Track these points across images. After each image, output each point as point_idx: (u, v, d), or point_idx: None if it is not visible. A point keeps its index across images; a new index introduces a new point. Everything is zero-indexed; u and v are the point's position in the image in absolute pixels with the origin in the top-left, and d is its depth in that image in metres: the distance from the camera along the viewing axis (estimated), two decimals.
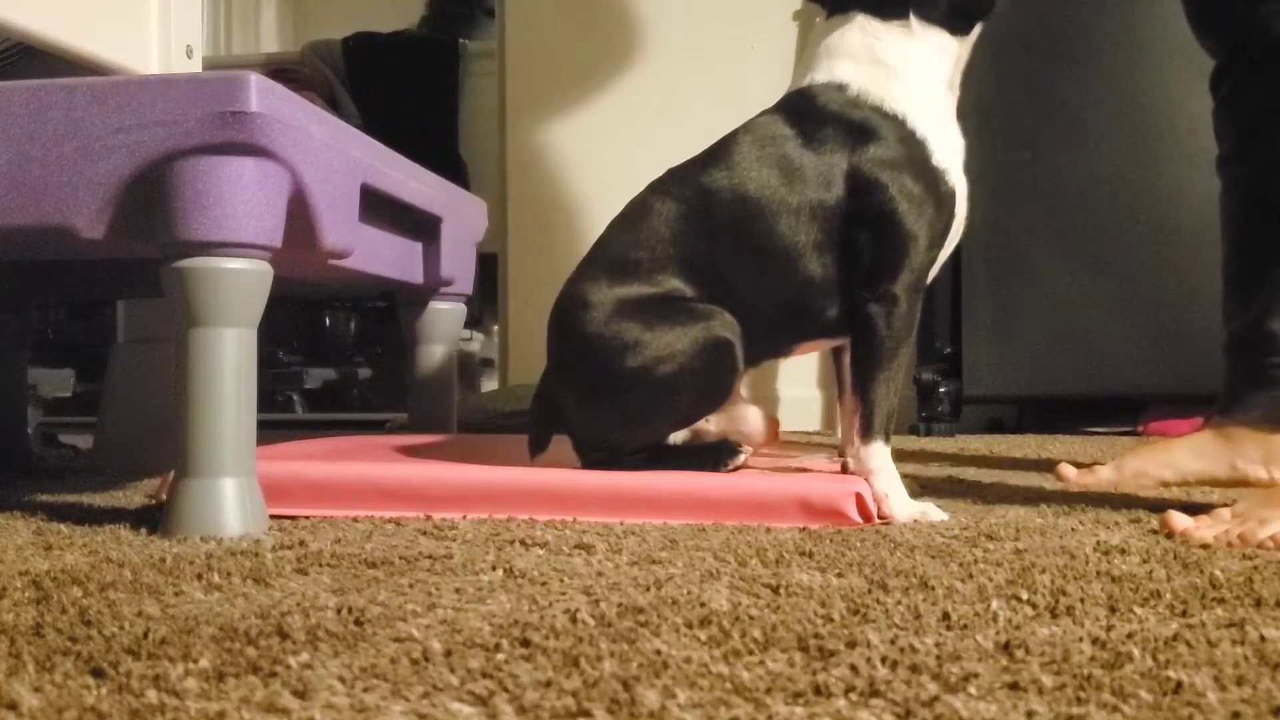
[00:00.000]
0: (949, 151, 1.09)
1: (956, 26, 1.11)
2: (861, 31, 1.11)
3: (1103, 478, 1.35)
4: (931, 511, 1.04)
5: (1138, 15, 2.27)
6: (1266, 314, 1.29)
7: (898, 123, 1.08)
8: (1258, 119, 1.29)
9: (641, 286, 1.10)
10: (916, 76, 1.09)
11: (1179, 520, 0.94)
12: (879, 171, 1.06)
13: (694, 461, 1.10)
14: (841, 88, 1.10)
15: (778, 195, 1.08)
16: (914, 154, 1.07)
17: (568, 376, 1.14)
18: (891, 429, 1.08)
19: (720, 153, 1.13)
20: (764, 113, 1.15)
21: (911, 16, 1.10)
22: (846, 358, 1.13)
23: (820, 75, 1.12)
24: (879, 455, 1.06)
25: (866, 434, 1.07)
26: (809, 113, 1.11)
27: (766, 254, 1.09)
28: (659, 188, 1.15)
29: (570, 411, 1.13)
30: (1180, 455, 1.34)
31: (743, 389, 1.21)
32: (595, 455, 1.12)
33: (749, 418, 1.20)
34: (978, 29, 1.14)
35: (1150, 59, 2.29)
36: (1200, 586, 0.72)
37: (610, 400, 1.09)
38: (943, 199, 1.08)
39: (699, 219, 1.11)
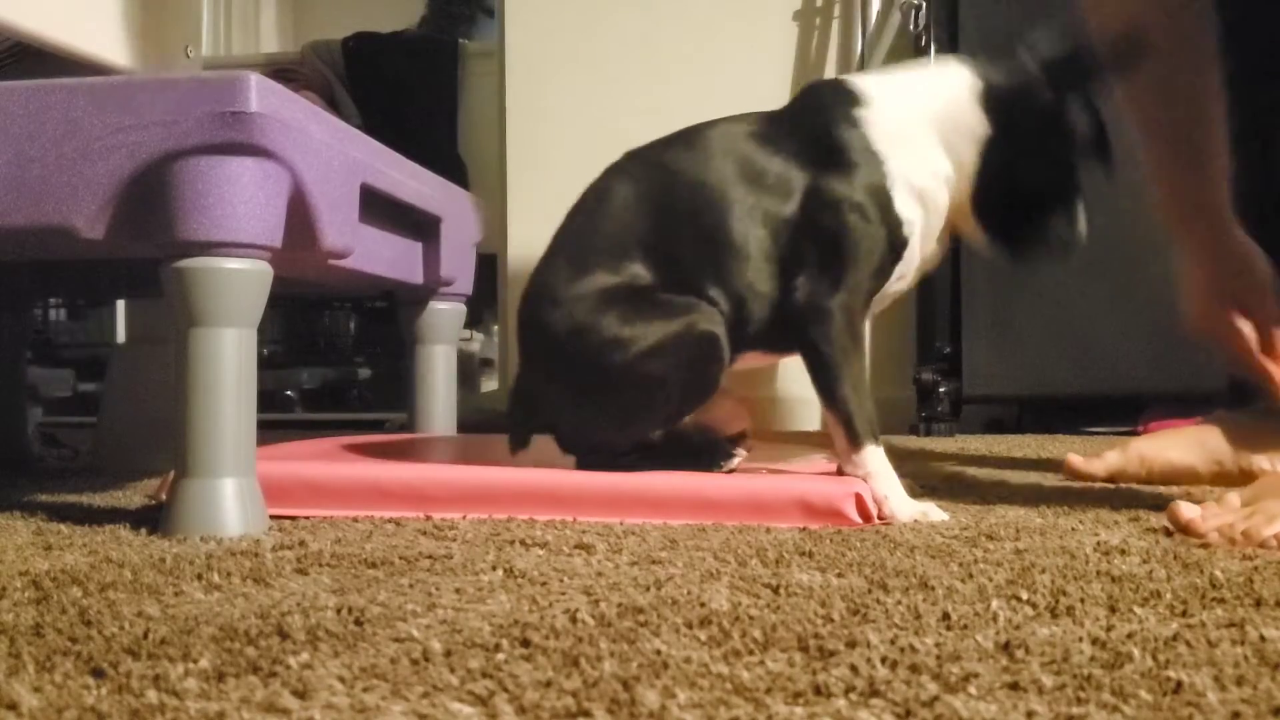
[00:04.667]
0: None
1: None
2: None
3: (1110, 462, 1.36)
4: (932, 511, 1.04)
5: None
6: None
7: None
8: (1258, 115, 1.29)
9: (606, 276, 1.09)
10: None
11: (1185, 510, 0.94)
12: None
13: (689, 462, 1.10)
14: None
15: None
16: None
17: (546, 374, 1.13)
18: (877, 429, 1.08)
19: None
20: None
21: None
22: None
23: None
24: (872, 458, 1.06)
25: (853, 442, 1.06)
26: None
27: (720, 248, 1.08)
28: (622, 169, 1.15)
29: (553, 410, 1.13)
30: (1185, 441, 1.35)
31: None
32: (588, 457, 1.12)
33: (718, 404, 1.18)
34: None
35: None
36: (1200, 586, 0.72)
37: (594, 400, 1.09)
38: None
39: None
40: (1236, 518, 0.91)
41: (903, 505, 1.04)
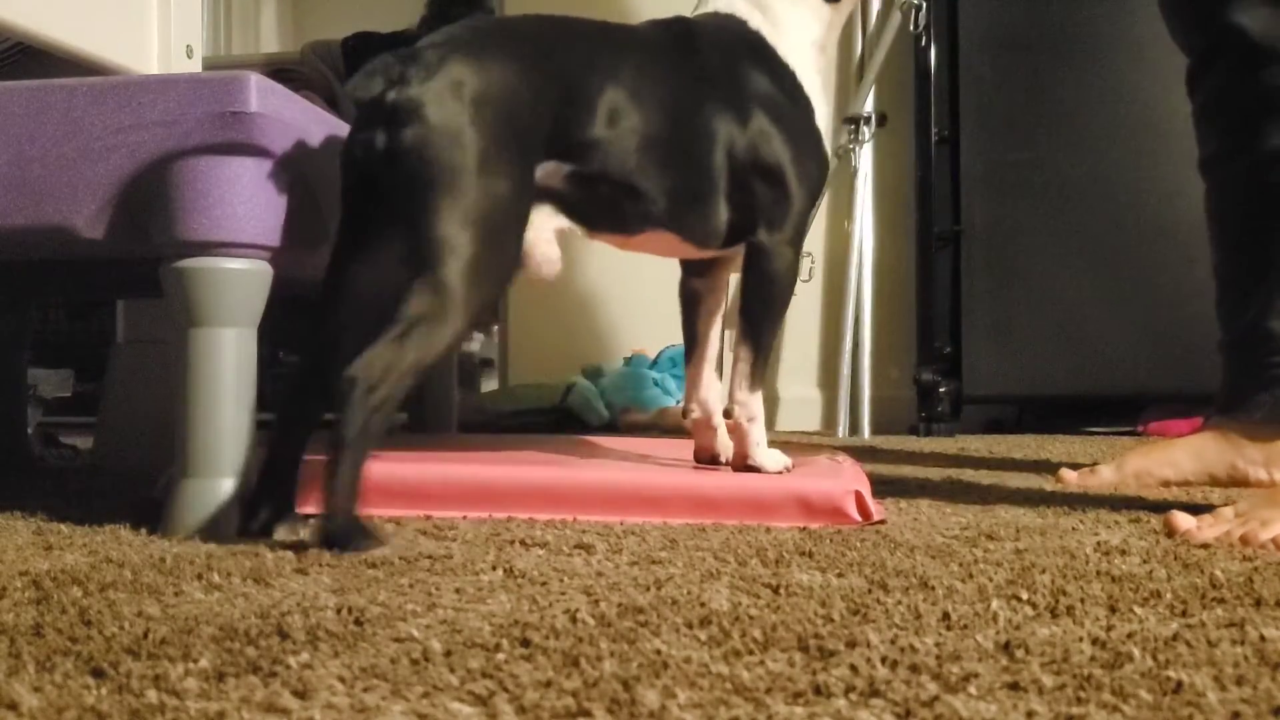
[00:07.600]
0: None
1: None
2: None
3: (1104, 478, 1.35)
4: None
5: (1137, 15, 2.27)
6: (1265, 313, 1.29)
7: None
8: (1250, 117, 1.29)
9: None
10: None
11: (1182, 520, 0.94)
12: None
13: None
14: None
15: None
16: None
17: None
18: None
19: None
20: None
21: None
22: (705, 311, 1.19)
23: None
24: (758, 402, 1.12)
25: (753, 382, 1.12)
26: None
27: None
28: None
29: None
30: (1181, 455, 1.34)
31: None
32: None
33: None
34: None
35: (1150, 59, 2.28)
36: (1200, 586, 0.72)
37: None
38: None
39: None
40: (1232, 526, 0.92)
41: (770, 455, 1.11)
